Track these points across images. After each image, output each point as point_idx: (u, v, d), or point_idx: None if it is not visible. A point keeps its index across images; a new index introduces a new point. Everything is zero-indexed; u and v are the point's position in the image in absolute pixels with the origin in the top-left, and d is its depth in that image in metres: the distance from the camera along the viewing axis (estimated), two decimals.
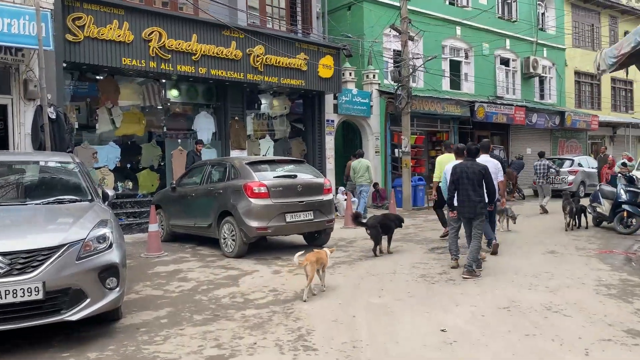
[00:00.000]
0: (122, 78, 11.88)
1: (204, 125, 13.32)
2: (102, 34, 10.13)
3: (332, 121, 15.74)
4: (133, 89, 12.12)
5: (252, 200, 7.77)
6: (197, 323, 4.93)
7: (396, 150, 16.97)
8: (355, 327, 4.75)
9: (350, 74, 16.21)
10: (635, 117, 28.49)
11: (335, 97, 15.68)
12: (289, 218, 7.98)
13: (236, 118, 13.52)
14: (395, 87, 15.87)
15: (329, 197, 8.62)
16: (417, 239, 9.93)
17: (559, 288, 6.02)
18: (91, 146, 11.49)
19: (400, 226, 8.66)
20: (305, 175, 8.53)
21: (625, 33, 28.38)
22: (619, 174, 14.78)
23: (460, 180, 6.77)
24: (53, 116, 9.07)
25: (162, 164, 12.76)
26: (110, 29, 10.24)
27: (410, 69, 15.62)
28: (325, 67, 14.33)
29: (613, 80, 27.94)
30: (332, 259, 7.87)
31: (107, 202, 5.56)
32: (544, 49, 23.92)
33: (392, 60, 17.61)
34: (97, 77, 11.61)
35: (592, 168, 18.97)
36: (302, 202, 8.13)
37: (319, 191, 8.46)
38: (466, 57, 20.79)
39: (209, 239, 8.99)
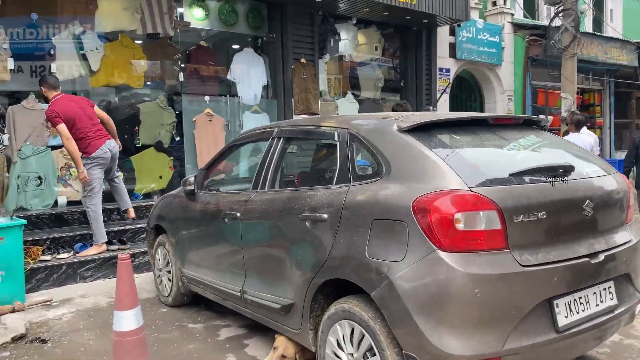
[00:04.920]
0: None
1: (249, 72, 7.73)
2: None
3: (448, 71, 9.96)
4: (122, 3, 6.60)
5: (447, 257, 2.17)
6: None
7: (541, 116, 11.00)
8: None
9: None
10: None
11: (452, 33, 9.88)
12: (564, 316, 2.35)
13: (302, 60, 7.91)
14: (552, 15, 9.90)
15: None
16: None
17: None
18: (43, 104, 6.07)
19: None
20: (585, 167, 2.80)
21: None
22: None
23: None
24: None
25: (178, 139, 7.29)
26: None
27: None
28: None
29: None
30: None
31: None
32: None
33: None
34: None
35: None
36: (597, 256, 2.47)
37: (620, 215, 2.76)
38: None
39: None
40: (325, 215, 2.70)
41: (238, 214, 3.45)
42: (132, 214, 5.84)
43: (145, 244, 5.69)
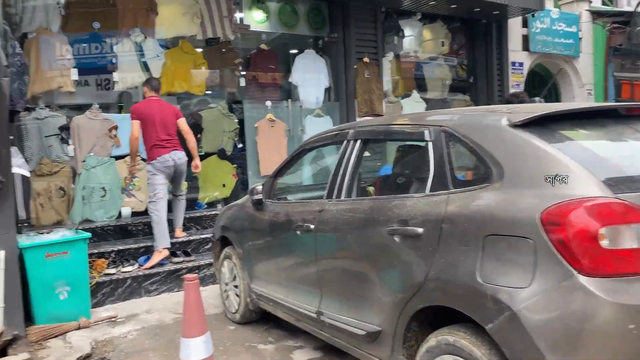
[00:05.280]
0: None
1: (311, 75, 7.43)
2: None
3: (521, 65, 9.27)
4: (181, 9, 6.47)
5: (589, 283, 1.72)
6: None
7: None
8: None
9: None
10: None
11: (524, 24, 9.21)
12: None
13: (365, 60, 7.52)
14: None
15: None
16: None
17: None
18: (106, 114, 6.01)
19: None
20: None
21: None
22: None
23: None
24: None
25: (241, 145, 7.08)
26: None
27: None
28: None
29: None
30: None
31: None
32: None
33: None
34: None
35: None
36: None
37: None
38: None
39: None
40: (420, 230, 2.29)
41: (311, 226, 3.10)
42: (179, 233, 5.64)
43: (210, 254, 5.49)
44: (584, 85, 9.98)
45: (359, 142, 3.02)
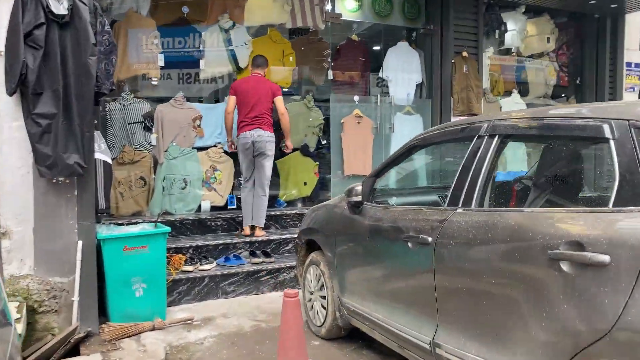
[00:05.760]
0: None
1: (403, 69, 6.87)
2: None
3: (637, 66, 8.24)
4: None
5: None
6: None
7: None
8: None
9: None
10: None
11: None
12: None
13: (464, 54, 6.86)
14: None
15: None
16: None
17: None
18: (190, 104, 5.76)
19: None
20: None
21: None
22: None
23: None
24: (62, 10, 3.46)
25: (324, 142, 6.65)
26: None
27: None
28: None
29: None
30: None
31: None
32: None
33: None
34: None
35: None
36: None
37: None
38: None
39: None
40: (606, 258, 1.69)
41: (429, 239, 2.56)
42: (258, 232, 5.27)
43: (290, 256, 5.13)
44: None
45: (496, 138, 2.46)
